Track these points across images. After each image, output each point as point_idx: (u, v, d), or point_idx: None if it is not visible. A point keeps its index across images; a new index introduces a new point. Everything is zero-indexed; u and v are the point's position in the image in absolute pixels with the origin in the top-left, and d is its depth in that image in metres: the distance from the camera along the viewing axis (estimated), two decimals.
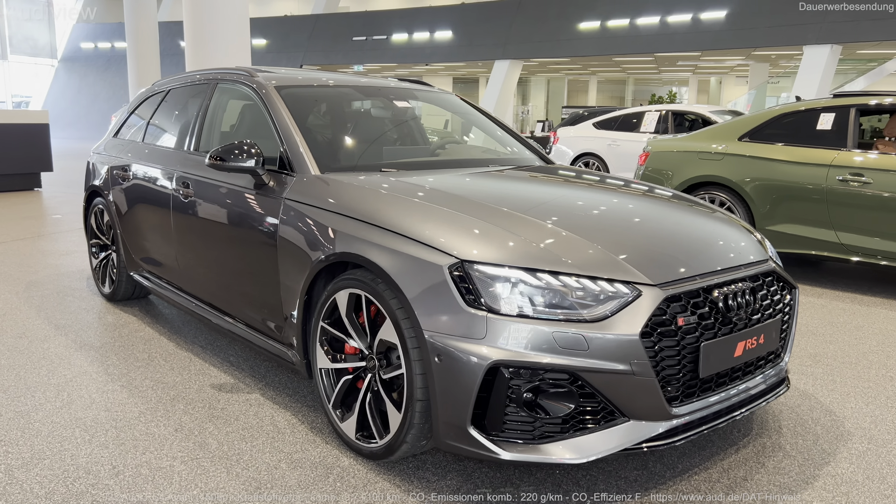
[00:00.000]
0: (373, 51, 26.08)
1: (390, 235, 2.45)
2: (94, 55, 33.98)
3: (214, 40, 9.09)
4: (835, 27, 17.34)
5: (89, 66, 34.00)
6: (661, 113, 10.67)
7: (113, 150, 4.62)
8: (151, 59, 19.57)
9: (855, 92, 5.57)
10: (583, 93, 35.12)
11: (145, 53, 19.46)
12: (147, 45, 19.49)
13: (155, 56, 19.63)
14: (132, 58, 19.48)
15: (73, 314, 4.36)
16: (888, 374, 3.55)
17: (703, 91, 34.04)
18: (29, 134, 10.90)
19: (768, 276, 2.66)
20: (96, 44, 33.85)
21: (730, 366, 2.42)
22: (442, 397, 2.24)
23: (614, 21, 21.14)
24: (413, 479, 2.46)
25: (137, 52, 19.44)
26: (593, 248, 2.36)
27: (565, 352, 2.15)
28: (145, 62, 19.48)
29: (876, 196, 4.98)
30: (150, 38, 19.52)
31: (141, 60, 19.46)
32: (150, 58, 19.53)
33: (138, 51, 19.45)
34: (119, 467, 2.51)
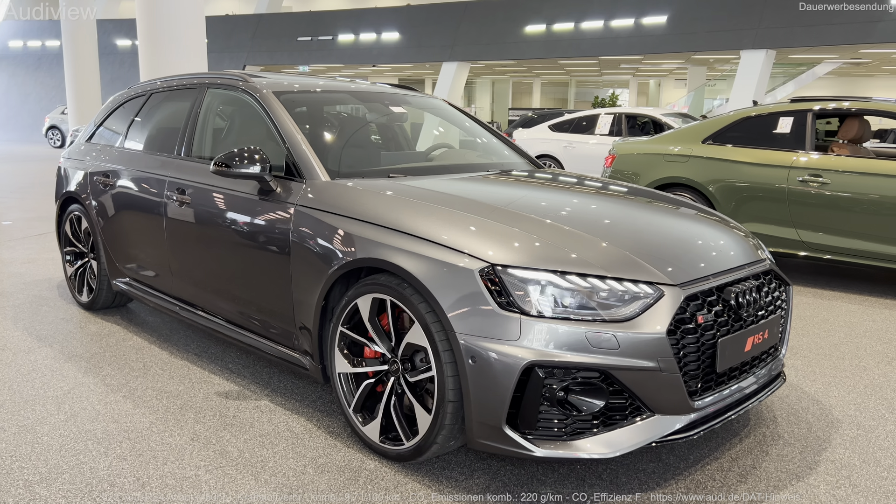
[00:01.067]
0: (319, 51, 25.86)
1: (417, 241, 2.50)
2: (23, 53, 32.62)
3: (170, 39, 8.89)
4: (769, 33, 18.09)
5: (18, 65, 32.63)
6: (614, 116, 10.95)
7: (89, 155, 4.51)
8: (89, 58, 18.95)
9: (812, 97, 5.87)
10: (527, 94, 35.60)
11: (83, 52, 18.82)
12: (84, 43, 18.86)
13: (93, 55, 19.02)
14: (69, 57, 18.81)
15: (52, 324, 4.24)
16: (861, 364, 3.78)
17: (643, 93, 34.96)
18: None
19: (767, 275, 2.81)
20: (26, 42, 32.49)
21: (741, 360, 2.56)
22: (476, 398, 2.30)
23: (559, 25, 21.53)
24: (441, 479, 2.51)
25: (75, 51, 18.79)
26: (614, 250, 2.46)
27: (598, 351, 2.24)
28: (83, 61, 18.84)
29: (833, 195, 5.27)
30: (88, 36, 18.90)
31: (78, 60, 18.82)
32: (87, 57, 18.91)
33: (75, 50, 18.79)
34: (143, 478, 2.48)
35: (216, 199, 3.35)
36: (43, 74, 32.04)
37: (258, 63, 26.98)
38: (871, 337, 4.26)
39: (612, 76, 31.34)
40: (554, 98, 36.61)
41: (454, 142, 4.25)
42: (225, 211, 3.30)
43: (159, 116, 4.19)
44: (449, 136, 4.28)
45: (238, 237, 3.22)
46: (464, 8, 23.13)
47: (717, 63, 24.57)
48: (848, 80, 31.29)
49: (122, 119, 4.46)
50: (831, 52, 19.75)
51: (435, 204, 2.70)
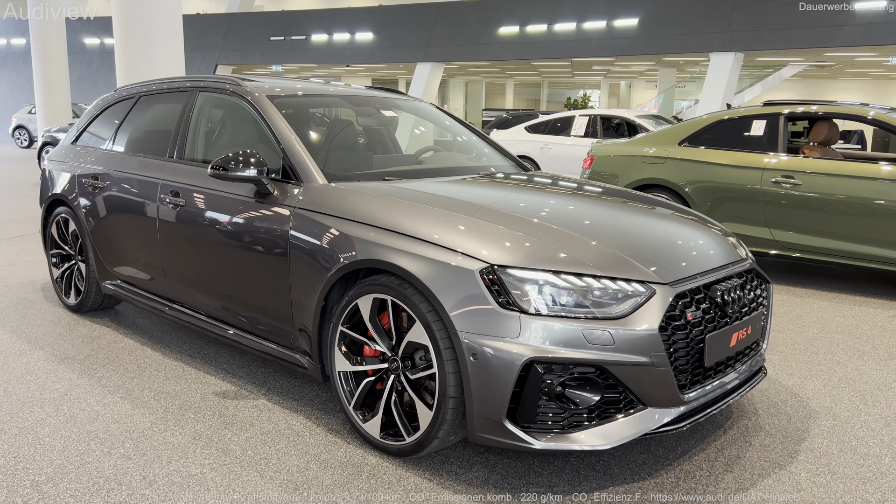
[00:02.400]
0: (292, 51, 25.76)
1: (417, 242, 2.58)
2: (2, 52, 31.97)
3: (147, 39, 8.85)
4: (738, 35, 18.47)
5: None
6: (589, 117, 11.12)
7: (76, 157, 4.51)
8: (58, 57, 18.68)
9: (784, 101, 6.06)
10: (500, 95, 35.83)
11: (52, 51, 18.53)
12: (53, 42, 18.58)
13: (62, 54, 18.75)
14: (37, 56, 18.51)
15: (40, 327, 4.23)
16: (834, 358, 3.94)
17: (614, 94, 35.40)
18: None
19: (749, 273, 2.94)
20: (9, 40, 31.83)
21: (727, 355, 2.68)
22: (477, 394, 2.39)
23: (533, 26, 21.72)
24: (442, 473, 2.59)
25: (43, 50, 18.50)
26: (606, 250, 2.57)
27: (594, 347, 2.34)
28: (51, 60, 18.56)
29: (805, 196, 5.46)
30: (58, 34, 18.62)
31: (47, 59, 18.53)
32: (57, 56, 18.63)
33: (44, 49, 18.50)
34: (150, 477, 2.52)
35: (211, 201, 3.39)
36: (9, 73, 31.46)
37: (230, 63, 26.79)
38: (843, 332, 4.44)
39: (584, 77, 31.69)
40: (526, 99, 36.90)
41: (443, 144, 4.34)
42: (221, 213, 3.34)
43: (149, 119, 4.21)
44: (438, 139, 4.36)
45: (234, 239, 3.27)
46: (438, 9, 23.23)
47: (686, 65, 24.99)
48: (813, 82, 32.01)
49: (110, 121, 4.47)
50: (797, 54, 20.21)
51: (432, 206, 2.79)
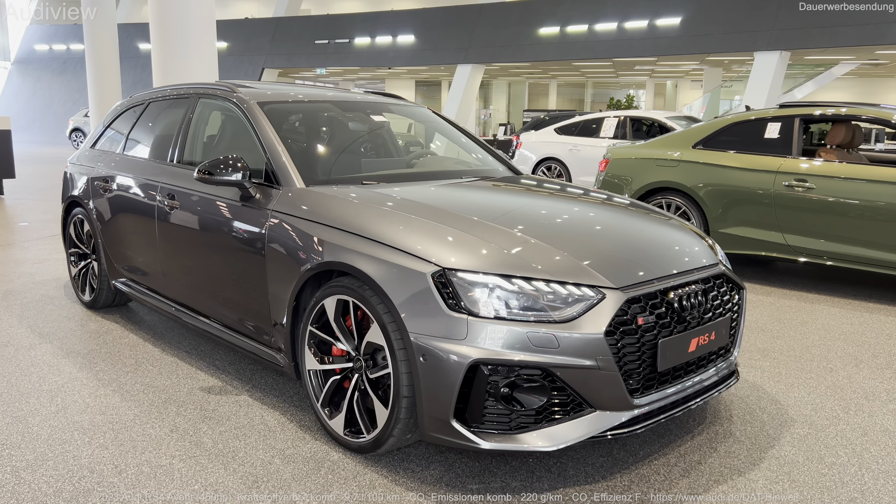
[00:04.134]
0: (335, 54, 26.15)
1: (377, 245, 2.66)
2: (48, 57, 33.34)
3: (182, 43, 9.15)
4: (784, 34, 18.02)
5: (44, 69, 33.36)
6: (619, 119, 11.03)
7: (92, 160, 4.73)
8: (111, 61, 19.38)
9: (800, 102, 5.94)
10: (543, 96, 35.66)
11: (104, 56, 19.26)
12: (106, 47, 19.30)
13: (114, 58, 19.45)
14: (91, 60, 19.25)
15: (55, 322, 4.46)
16: (828, 366, 3.87)
17: (660, 94, 34.86)
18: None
19: (718, 279, 2.93)
20: (51, 45, 33.21)
21: (685, 360, 2.68)
22: (427, 393, 2.45)
23: (573, 27, 21.59)
24: (399, 470, 2.67)
25: (96, 55, 19.23)
26: (561, 255, 2.60)
27: (538, 350, 2.38)
28: (104, 65, 19.28)
29: (818, 200, 5.35)
30: (110, 40, 19.34)
31: (100, 63, 19.25)
32: (109, 60, 19.34)
33: (97, 53, 19.23)
34: (121, 466, 2.66)
35: (201, 204, 3.54)
36: (68, 77, 32.71)
37: (276, 66, 27.34)
38: (844, 339, 4.35)
39: (628, 77, 31.30)
40: (571, 99, 36.62)
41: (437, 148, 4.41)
42: (209, 215, 3.48)
43: (155, 124, 4.39)
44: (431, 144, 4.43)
45: (221, 240, 3.40)
46: (479, 10, 23.29)
47: (732, 64, 24.47)
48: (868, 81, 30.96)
49: (122, 126, 4.68)
50: (847, 53, 19.60)
51: (396, 210, 2.86)
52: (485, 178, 3.79)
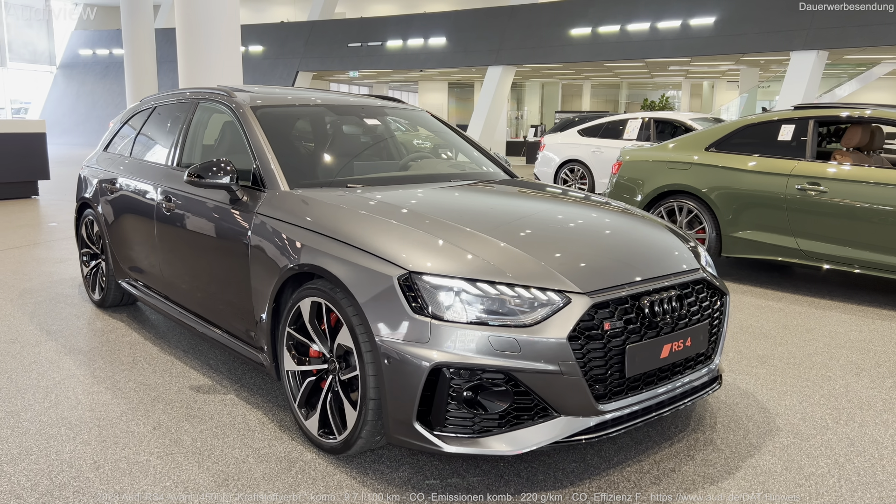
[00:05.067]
0: (368, 57, 26.31)
1: (347, 248, 2.69)
2: (92, 62, 34.22)
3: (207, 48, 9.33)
4: (821, 33, 17.59)
5: (87, 73, 34.24)
6: (643, 120, 10.91)
7: (102, 163, 4.86)
8: (148, 65, 19.85)
9: (815, 104, 5.81)
10: (577, 97, 35.40)
11: (142, 60, 19.73)
12: (143, 52, 19.77)
13: (151, 63, 19.91)
14: (129, 65, 19.75)
15: (64, 320, 4.59)
16: (827, 374, 3.78)
17: (696, 95, 34.33)
18: (26, 142, 11.14)
19: (698, 284, 2.88)
20: (94, 50, 34.07)
21: (656, 366, 2.65)
22: (391, 396, 2.47)
23: (605, 27, 21.37)
24: (368, 472, 2.69)
25: (134, 59, 19.72)
26: (530, 260, 2.59)
27: (500, 354, 2.38)
28: (142, 69, 19.75)
29: (831, 204, 5.22)
30: (147, 45, 19.80)
31: (138, 67, 19.74)
32: (146, 64, 19.81)
33: (135, 58, 19.73)
34: (100, 462, 2.73)
35: (194, 206, 3.62)
36: (110, 81, 33.52)
37: (310, 69, 27.62)
38: (850, 347, 4.24)
39: (663, 78, 30.87)
40: (606, 100, 36.28)
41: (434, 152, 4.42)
42: (201, 217, 3.56)
43: (159, 128, 4.49)
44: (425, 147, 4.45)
45: (211, 242, 3.47)
46: (510, 12, 23.21)
47: (770, 64, 23.97)
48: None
49: (130, 130, 4.80)
50: (888, 52, 19.05)
51: (371, 214, 2.89)
52: (476, 181, 3.80)
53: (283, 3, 34.77)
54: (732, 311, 4.99)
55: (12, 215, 9.39)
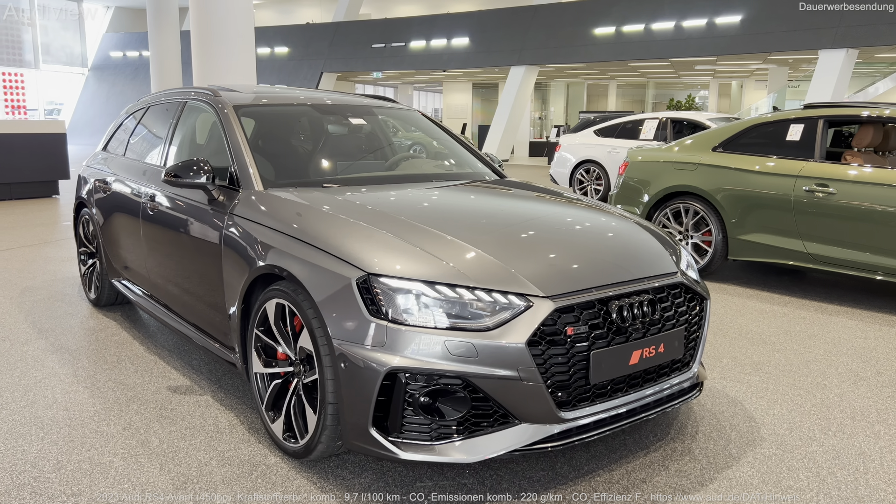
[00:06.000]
0: (391, 57, 26.34)
1: (310, 249, 2.64)
2: (122, 64, 34.78)
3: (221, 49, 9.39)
4: (851, 31, 17.18)
5: (118, 75, 34.81)
6: (660, 120, 10.72)
7: (97, 162, 4.89)
8: (173, 67, 20.11)
9: (825, 103, 5.63)
10: (603, 97, 35.05)
11: (167, 62, 20.01)
12: (169, 53, 20.04)
13: (177, 64, 20.16)
14: (155, 66, 20.03)
15: (57, 319, 4.62)
16: (823, 383, 3.64)
17: (725, 95, 33.77)
18: (47, 143, 11.33)
19: (675, 289, 2.78)
20: (125, 52, 34.63)
21: (625, 373, 2.56)
22: (347, 400, 2.42)
23: (629, 26, 21.12)
24: (330, 477, 2.64)
25: (159, 61, 20.00)
26: (493, 263, 2.52)
27: (457, 359, 2.31)
28: (167, 70, 20.02)
29: (840, 206, 5.05)
30: (173, 46, 20.06)
31: (163, 69, 20.01)
32: (171, 66, 20.07)
33: (160, 59, 20.01)
34: (63, 462, 2.72)
35: (175, 206, 3.61)
36: (139, 83, 34.02)
37: (334, 70, 27.73)
38: (851, 355, 4.08)
39: (690, 78, 30.41)
40: (632, 100, 35.86)
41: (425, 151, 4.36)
42: (181, 217, 3.54)
43: (149, 128, 4.50)
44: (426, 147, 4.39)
45: (189, 242, 3.46)
46: (533, 12, 23.06)
47: (799, 63, 23.47)
48: None
49: (125, 130, 4.82)
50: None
51: (336, 214, 2.84)
52: (460, 182, 3.73)
53: (310, 5, 34.97)
54: (733, 317, 4.85)
55: (31, 214, 9.54)
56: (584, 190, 11.45)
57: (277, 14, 36.64)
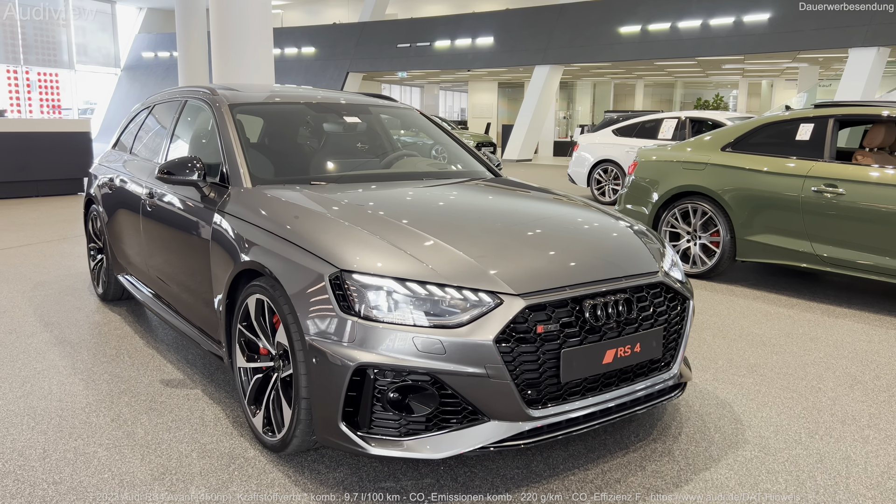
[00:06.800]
0: (416, 57, 26.42)
1: (288, 245, 2.68)
2: (153, 64, 35.37)
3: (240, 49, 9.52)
4: (882, 29, 16.81)
5: (149, 75, 35.39)
6: (679, 120, 10.61)
7: (106, 160, 5.00)
8: (200, 67, 20.40)
9: (836, 102, 5.53)
10: (630, 96, 34.74)
11: (194, 62, 20.31)
12: (196, 54, 20.34)
13: (203, 64, 20.45)
14: (182, 66, 20.34)
15: (65, 312, 4.73)
16: (818, 386, 3.58)
17: (755, 94, 33.25)
18: (73, 141, 11.59)
19: (655, 288, 2.76)
20: (156, 53, 35.21)
21: (597, 372, 2.55)
22: (318, 395, 2.45)
23: (655, 25, 20.92)
24: (305, 471, 2.67)
25: (187, 61, 20.31)
26: (467, 261, 2.53)
27: (425, 355, 2.32)
28: (194, 70, 20.31)
29: (849, 207, 4.96)
30: (200, 47, 20.36)
31: (190, 69, 20.31)
32: (198, 66, 20.36)
33: (188, 60, 20.31)
34: (49, 451, 2.79)
35: (171, 202, 3.67)
36: (170, 83, 34.58)
37: (360, 70, 27.90)
38: (852, 358, 4.01)
39: (719, 77, 30.02)
40: (660, 100, 35.48)
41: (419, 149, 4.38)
42: (175, 214, 3.61)
43: (152, 126, 4.58)
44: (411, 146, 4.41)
45: (183, 238, 3.52)
46: (559, 11, 22.96)
47: (830, 62, 23.04)
48: None
49: (133, 128, 4.91)
50: None
51: (316, 211, 2.86)
52: (451, 180, 3.74)
53: (337, 5, 35.21)
54: (736, 318, 4.79)
55: (54, 211, 9.75)
56: (602, 190, 11.37)
57: (305, 14, 36.95)
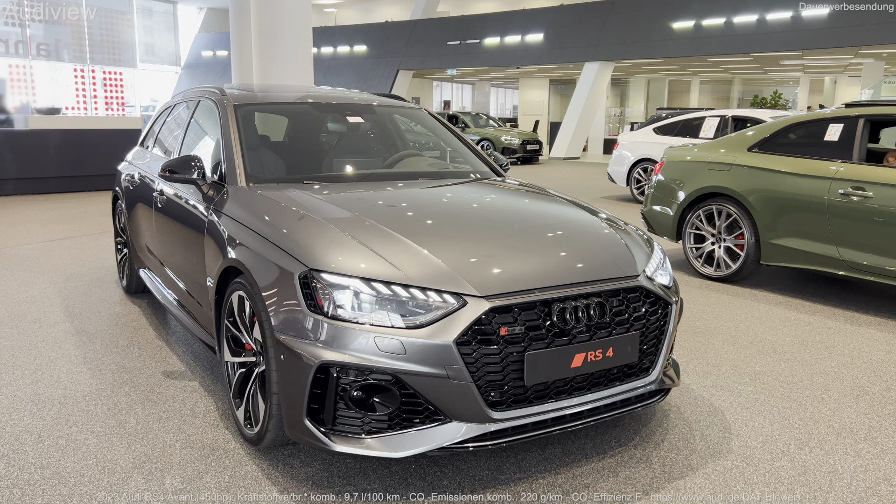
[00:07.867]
0: (466, 55, 26.41)
1: (264, 243, 2.74)
2: (212, 62, 36.31)
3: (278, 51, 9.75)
4: None
5: (208, 73, 36.34)
6: (722, 118, 10.34)
7: (132, 157, 5.18)
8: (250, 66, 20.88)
9: (867, 101, 5.32)
10: (685, 93, 33.97)
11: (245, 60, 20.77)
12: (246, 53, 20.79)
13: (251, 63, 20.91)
14: (235, 65, 20.82)
15: (89, 304, 4.92)
16: (821, 396, 3.47)
17: (817, 91, 32.08)
18: (123, 138, 11.99)
19: (633, 292, 2.72)
20: (215, 52, 36.14)
21: (565, 376, 2.53)
22: (286, 391, 2.50)
23: (709, 20, 20.41)
24: (279, 465, 2.72)
25: (239, 60, 20.78)
26: (435, 262, 2.54)
27: (386, 355, 2.35)
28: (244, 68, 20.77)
29: (876, 210, 4.76)
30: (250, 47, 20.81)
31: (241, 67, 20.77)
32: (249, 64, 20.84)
33: (239, 58, 20.78)
34: (43, 437, 2.92)
35: (177, 199, 3.79)
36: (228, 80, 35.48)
37: (410, 67, 28.05)
38: (865, 368, 3.86)
39: (778, 73, 29.06)
40: (717, 97, 34.57)
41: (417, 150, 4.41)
42: (179, 211, 3.72)
43: (171, 125, 4.72)
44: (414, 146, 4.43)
45: (185, 234, 3.63)
46: (610, 7, 22.61)
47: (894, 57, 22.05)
48: None
49: (156, 126, 5.07)
50: None
51: (297, 211, 2.92)
52: (450, 180, 3.75)
53: (390, 3, 35.47)
54: (751, 324, 4.66)
55: (103, 205, 10.12)
56: (641, 189, 11.18)
57: (359, 13, 37.34)
